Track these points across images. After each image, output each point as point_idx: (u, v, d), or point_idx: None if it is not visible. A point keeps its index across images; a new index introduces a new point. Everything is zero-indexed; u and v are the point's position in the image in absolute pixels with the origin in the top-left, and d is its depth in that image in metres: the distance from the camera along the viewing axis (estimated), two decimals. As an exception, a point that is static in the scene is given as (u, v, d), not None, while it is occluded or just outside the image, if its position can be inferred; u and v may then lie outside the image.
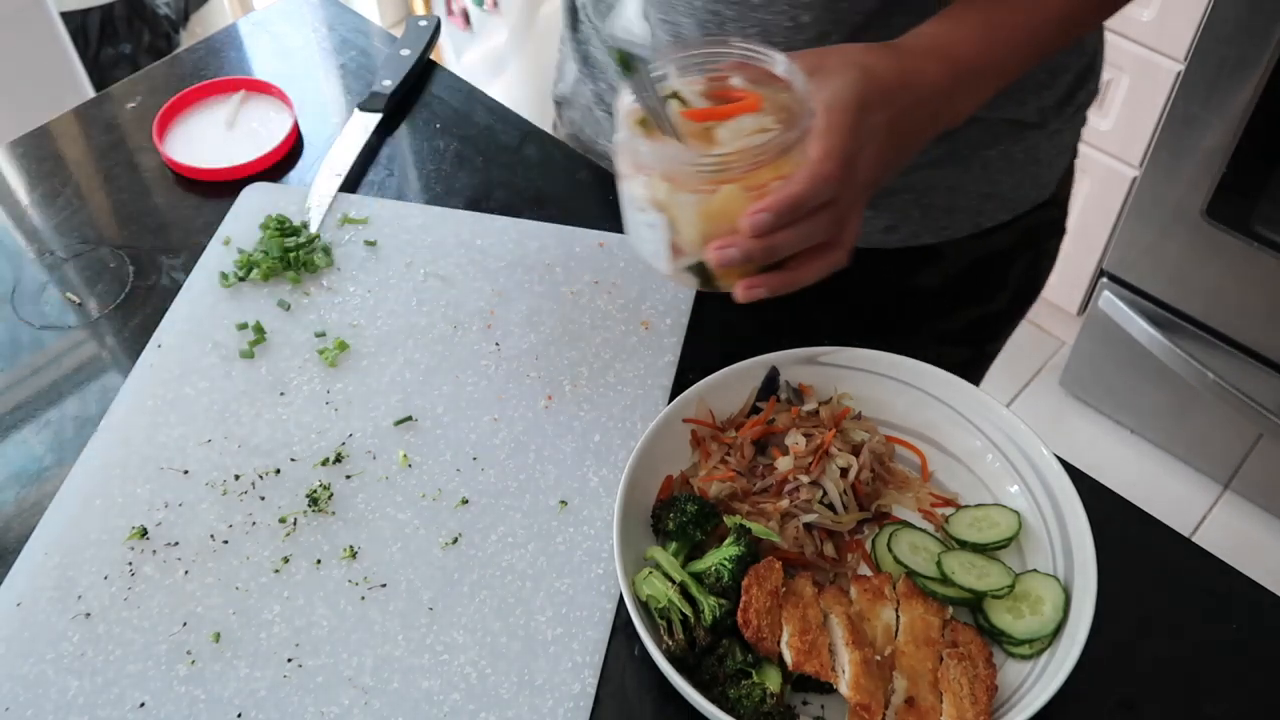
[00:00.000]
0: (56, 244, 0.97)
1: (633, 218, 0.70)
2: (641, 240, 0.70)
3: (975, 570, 0.74)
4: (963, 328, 1.09)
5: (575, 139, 1.09)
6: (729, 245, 0.66)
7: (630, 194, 0.69)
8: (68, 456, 0.82)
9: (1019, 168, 0.95)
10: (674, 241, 0.68)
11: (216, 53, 1.15)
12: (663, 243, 0.68)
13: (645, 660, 0.70)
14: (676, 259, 0.69)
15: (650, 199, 0.67)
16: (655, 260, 0.70)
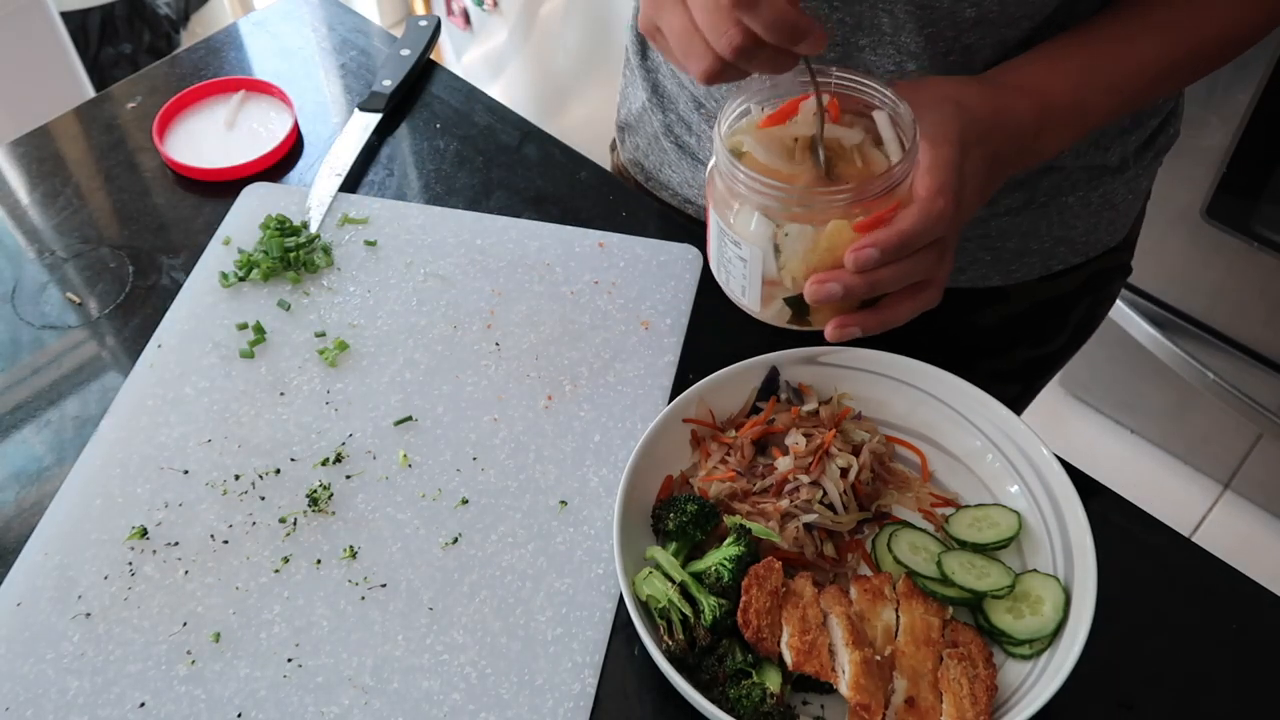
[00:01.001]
0: (57, 244, 0.97)
1: (723, 249, 0.67)
2: (729, 273, 0.67)
3: (975, 570, 0.74)
4: (1017, 367, 1.08)
5: (637, 165, 1.08)
6: (830, 280, 0.63)
7: (722, 224, 0.66)
8: (68, 456, 0.82)
9: (1094, 213, 0.94)
10: (767, 275, 0.65)
11: (216, 53, 1.15)
12: (755, 276, 0.65)
13: (645, 660, 0.70)
14: (768, 294, 0.66)
15: (746, 231, 0.64)
16: (743, 295, 0.67)
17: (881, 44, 0.78)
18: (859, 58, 0.80)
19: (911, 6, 0.75)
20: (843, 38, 0.79)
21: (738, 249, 0.64)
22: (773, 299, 0.66)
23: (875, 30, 0.78)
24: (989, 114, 0.69)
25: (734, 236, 0.64)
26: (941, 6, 0.75)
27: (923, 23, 0.76)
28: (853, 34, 0.78)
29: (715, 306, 0.92)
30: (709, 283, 0.93)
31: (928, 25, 0.76)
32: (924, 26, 0.77)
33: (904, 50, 0.78)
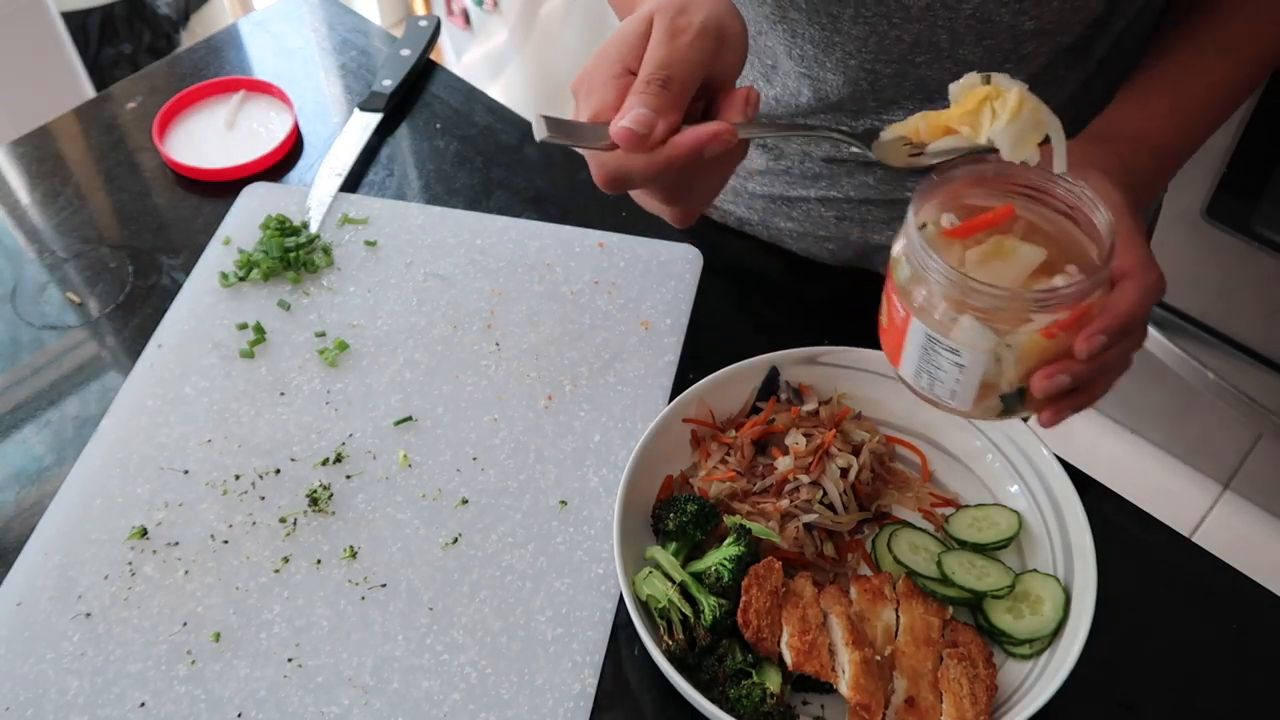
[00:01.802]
0: (57, 244, 0.97)
1: (930, 357, 0.63)
2: (936, 378, 0.64)
3: (975, 570, 0.74)
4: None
5: None
6: (1059, 372, 0.61)
7: (933, 333, 0.62)
8: (68, 456, 0.82)
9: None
10: (986, 378, 0.63)
11: (217, 53, 1.15)
12: (973, 380, 0.63)
13: (645, 660, 0.70)
14: (982, 394, 0.64)
15: (968, 339, 0.61)
16: (951, 398, 0.64)
17: (939, 59, 0.79)
18: (914, 73, 0.81)
19: (972, 21, 0.76)
20: (899, 55, 0.79)
21: (955, 356, 0.62)
22: (986, 397, 0.64)
23: (933, 47, 0.78)
24: (1125, 173, 0.70)
25: (950, 344, 0.62)
26: (1001, 20, 0.75)
27: (981, 35, 0.77)
28: (909, 51, 0.79)
29: (715, 306, 0.92)
30: (709, 283, 0.93)
31: (986, 38, 0.77)
32: (982, 39, 0.77)
33: (960, 63, 0.79)
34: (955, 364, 0.62)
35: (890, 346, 0.67)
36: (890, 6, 0.76)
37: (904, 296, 0.64)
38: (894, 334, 0.66)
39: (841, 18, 0.79)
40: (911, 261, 0.62)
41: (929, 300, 0.62)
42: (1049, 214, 0.65)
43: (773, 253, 1.00)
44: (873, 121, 0.87)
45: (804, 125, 0.85)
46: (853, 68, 0.82)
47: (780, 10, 0.82)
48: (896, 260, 0.65)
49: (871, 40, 0.79)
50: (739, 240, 1.01)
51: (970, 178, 0.65)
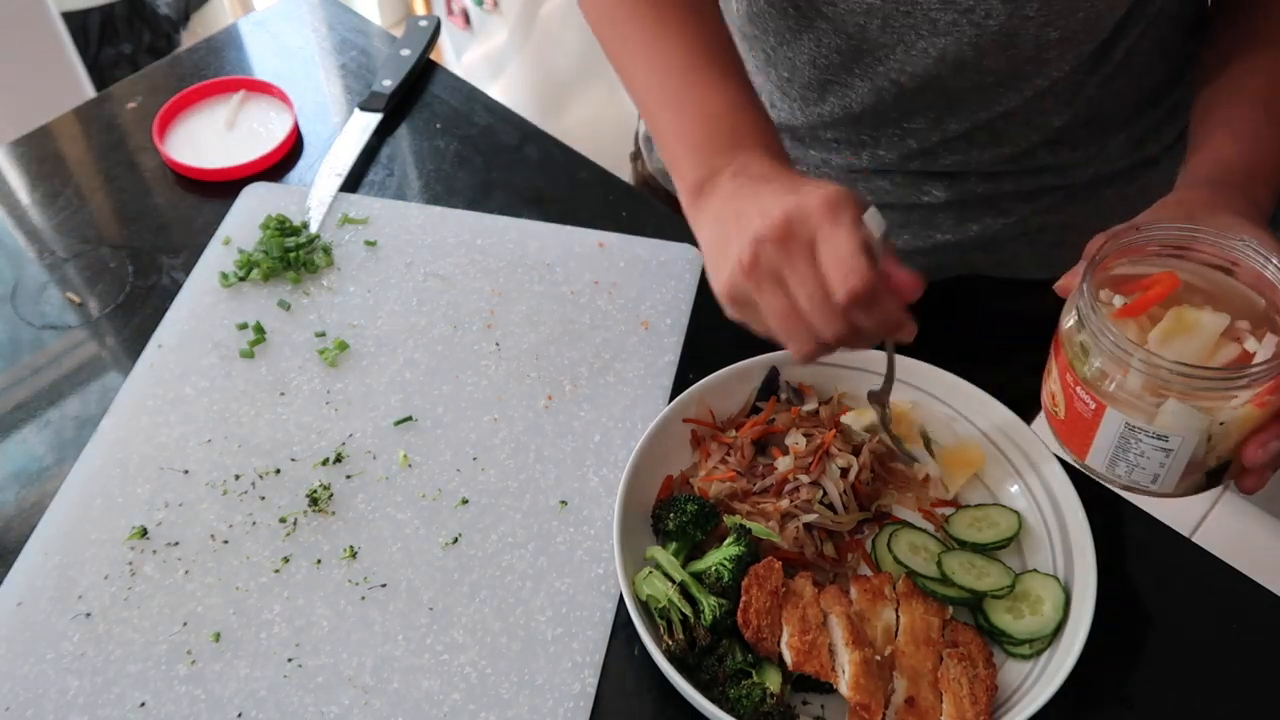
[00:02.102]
0: (57, 244, 0.97)
1: (1131, 446, 0.62)
2: (1138, 465, 0.62)
3: (975, 570, 0.74)
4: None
5: (665, 176, 1.07)
6: (1272, 439, 0.60)
7: (1134, 423, 0.61)
8: (68, 456, 0.82)
9: (1131, 204, 0.94)
10: (1194, 459, 0.61)
11: (217, 53, 1.15)
12: (1180, 463, 0.61)
13: (645, 660, 0.70)
14: (1186, 474, 0.62)
15: (1177, 424, 0.60)
16: (1154, 482, 0.63)
17: (964, 70, 0.80)
18: (938, 84, 0.81)
19: (999, 35, 0.76)
20: (924, 68, 0.80)
21: (1161, 443, 0.61)
22: (1191, 475, 0.63)
23: (959, 59, 0.79)
24: (1259, 212, 0.69)
25: (1156, 432, 0.60)
26: (1027, 32, 0.76)
27: (1006, 47, 0.77)
28: (936, 64, 0.80)
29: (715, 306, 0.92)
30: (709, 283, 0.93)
31: (1010, 49, 0.78)
32: (1007, 50, 0.78)
33: (985, 73, 0.80)
34: (1161, 449, 0.61)
35: (1074, 438, 0.65)
36: (918, 19, 0.76)
37: (1092, 386, 0.61)
38: (1079, 425, 0.64)
39: (869, 29, 0.79)
40: (1099, 351, 0.60)
41: (1126, 388, 0.60)
42: (1200, 269, 0.63)
43: None
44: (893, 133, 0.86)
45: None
46: (878, 80, 0.82)
47: (806, 20, 0.82)
48: (1073, 347, 0.62)
49: (899, 50, 0.79)
50: None
51: (1117, 251, 0.64)
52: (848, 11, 0.78)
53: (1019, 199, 0.90)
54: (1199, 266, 0.64)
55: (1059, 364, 0.64)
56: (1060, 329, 0.65)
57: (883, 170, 0.90)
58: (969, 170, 0.87)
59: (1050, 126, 0.85)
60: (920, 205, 0.91)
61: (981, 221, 0.91)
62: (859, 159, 0.90)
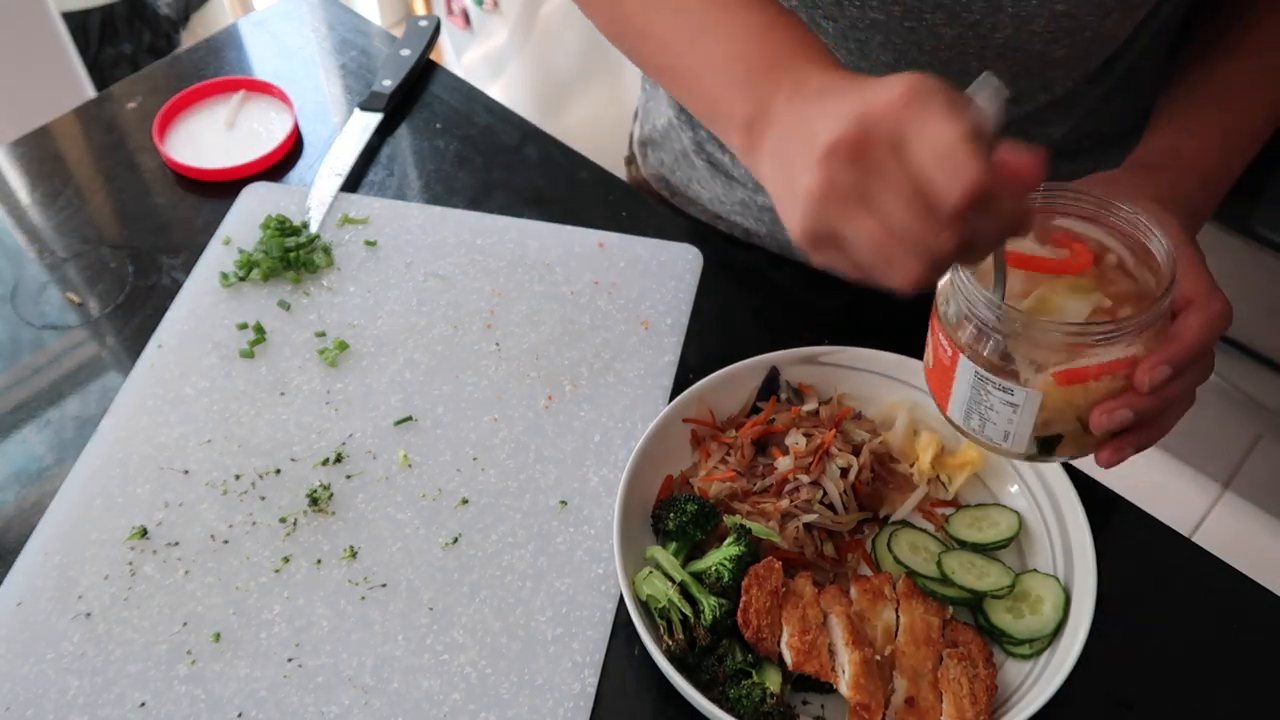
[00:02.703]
0: (57, 244, 0.97)
1: (982, 397, 0.61)
2: (989, 419, 0.61)
3: (975, 570, 0.74)
4: None
5: (662, 180, 1.07)
6: (1119, 407, 0.58)
7: (985, 372, 0.60)
8: (68, 456, 0.82)
9: None
10: (1040, 417, 0.60)
11: (217, 53, 1.15)
12: (1029, 419, 0.60)
13: (645, 660, 0.70)
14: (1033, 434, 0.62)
15: (1018, 374, 0.59)
16: (1006, 439, 0.62)
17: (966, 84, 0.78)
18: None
19: (1003, 50, 0.75)
20: None
21: (1008, 395, 0.59)
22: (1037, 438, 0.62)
23: (963, 74, 0.77)
24: (1179, 200, 0.69)
25: (1002, 384, 0.59)
26: (1033, 49, 0.75)
27: (1011, 63, 0.76)
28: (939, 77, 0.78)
29: (715, 306, 0.92)
30: (709, 283, 0.93)
31: (1016, 65, 0.76)
32: (1012, 66, 0.77)
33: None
34: (1008, 403, 0.60)
35: (937, 388, 0.64)
36: (921, 35, 0.75)
37: (951, 333, 0.61)
38: (941, 374, 0.63)
39: (870, 44, 0.78)
40: (958, 296, 0.60)
41: (979, 337, 0.59)
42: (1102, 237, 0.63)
43: (782, 263, 1.00)
44: None
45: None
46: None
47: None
48: (942, 295, 0.62)
49: (900, 66, 0.77)
50: (747, 250, 1.01)
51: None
52: (849, 26, 0.77)
53: None
54: (1112, 235, 0.63)
55: (932, 313, 0.64)
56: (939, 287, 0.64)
57: None
58: None
59: (1050, 138, 0.84)
60: None
61: None
62: None
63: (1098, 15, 0.73)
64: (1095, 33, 0.74)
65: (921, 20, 0.74)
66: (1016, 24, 0.73)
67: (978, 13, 0.73)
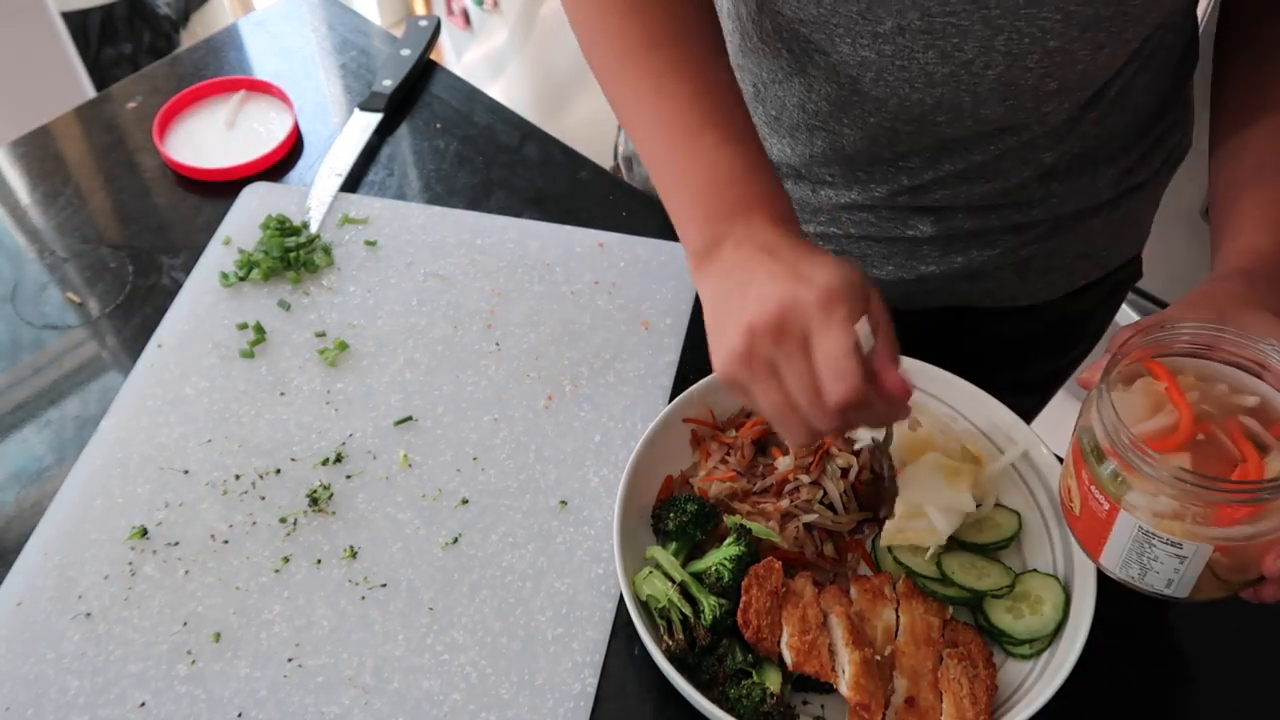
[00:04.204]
0: (57, 244, 0.97)
1: (1146, 551, 0.60)
2: (1150, 569, 0.61)
3: (975, 570, 0.74)
4: (1038, 378, 1.08)
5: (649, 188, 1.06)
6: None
7: (1149, 528, 0.59)
8: (68, 456, 0.82)
9: (1116, 229, 0.95)
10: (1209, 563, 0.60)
11: (217, 53, 1.15)
12: (1194, 569, 0.60)
13: (645, 660, 0.70)
14: (1204, 577, 0.61)
15: (1186, 531, 0.58)
16: (1168, 587, 0.61)
17: (960, 118, 0.78)
18: (934, 131, 0.80)
19: (996, 85, 0.75)
20: (920, 115, 0.78)
21: (1176, 549, 0.59)
22: (1207, 582, 0.62)
23: (956, 108, 0.77)
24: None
25: (1170, 539, 0.59)
26: (1025, 83, 0.75)
27: (1005, 97, 0.76)
28: (931, 112, 0.78)
29: (715, 306, 0.92)
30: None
31: (1009, 99, 0.76)
32: (1005, 99, 0.76)
33: (981, 121, 0.78)
34: (1176, 556, 0.59)
35: (1088, 536, 0.64)
36: (913, 72, 0.75)
37: (1104, 486, 0.60)
38: (1093, 524, 0.62)
39: (862, 80, 0.77)
40: (1121, 458, 0.59)
41: (1139, 493, 0.59)
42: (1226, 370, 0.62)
43: None
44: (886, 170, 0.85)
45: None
46: (871, 125, 0.81)
47: (799, 64, 0.81)
48: (1088, 448, 0.61)
49: (892, 102, 0.77)
50: None
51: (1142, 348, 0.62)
52: (841, 63, 0.77)
53: (1006, 231, 0.89)
54: (1229, 368, 0.62)
55: (1074, 458, 0.63)
56: (1078, 424, 0.63)
57: (869, 205, 0.88)
58: (958, 205, 0.86)
59: (1042, 163, 0.83)
60: (904, 239, 0.90)
61: (967, 254, 0.90)
62: (850, 193, 0.88)
63: (1090, 49, 0.72)
64: (1088, 66, 0.74)
65: (913, 59, 0.74)
66: (1009, 61, 0.73)
67: (970, 52, 0.72)
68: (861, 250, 0.92)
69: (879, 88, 0.77)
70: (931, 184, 0.85)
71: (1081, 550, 0.65)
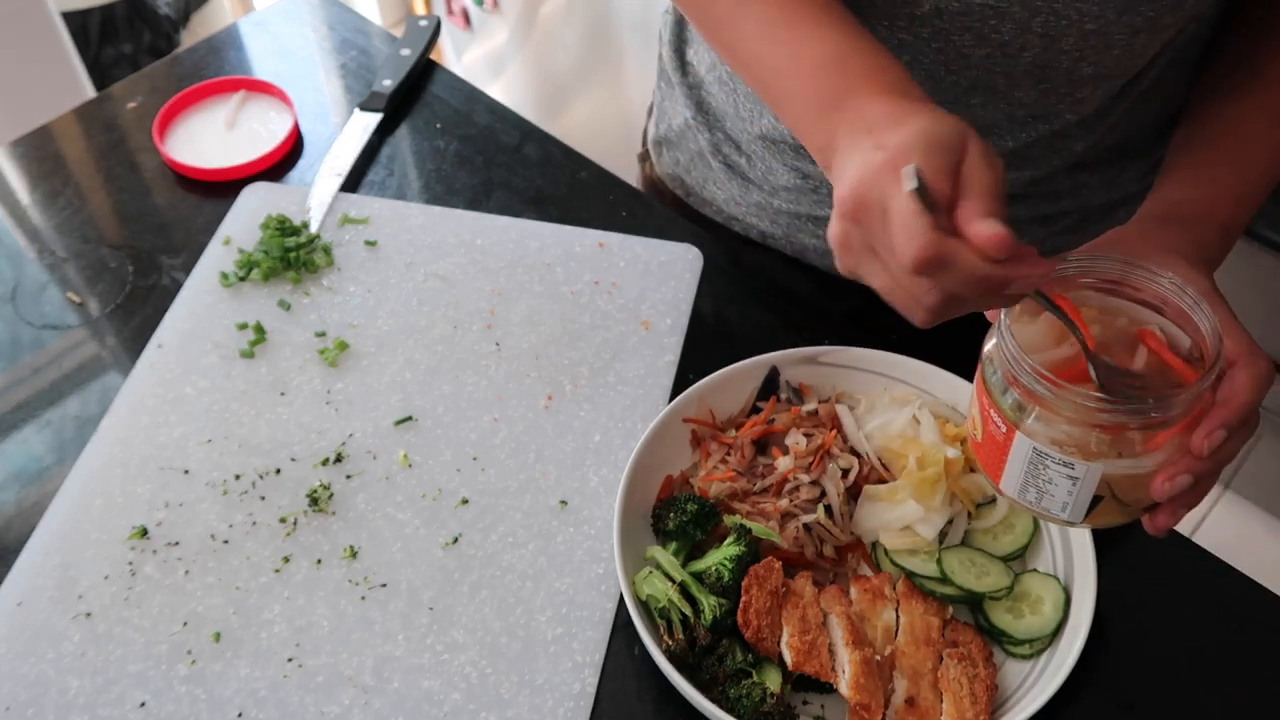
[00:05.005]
0: (57, 244, 0.97)
1: (1040, 471, 0.61)
2: (1046, 492, 0.62)
3: (975, 570, 0.74)
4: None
5: (677, 180, 1.07)
6: (1179, 472, 0.59)
7: (1042, 448, 0.60)
8: (68, 456, 0.82)
9: None
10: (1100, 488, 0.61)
11: (217, 53, 1.15)
12: (1086, 491, 0.61)
13: (645, 660, 0.70)
14: (1097, 502, 0.62)
15: (1076, 447, 0.59)
16: (1064, 510, 0.62)
17: (993, 101, 0.79)
18: (968, 114, 0.79)
19: (1031, 68, 0.75)
20: (955, 96, 0.79)
21: (1069, 470, 0.60)
22: (1099, 506, 0.63)
23: (989, 90, 0.78)
24: (1202, 256, 0.68)
25: (1063, 459, 0.60)
26: (1060, 67, 0.75)
27: (1039, 80, 0.76)
28: (966, 94, 0.79)
29: (715, 307, 0.92)
30: (709, 283, 0.93)
31: (1043, 82, 0.77)
32: (1039, 83, 0.77)
33: (1015, 104, 0.79)
34: (1069, 477, 0.60)
35: (988, 462, 0.64)
36: (949, 55, 0.75)
37: (1003, 411, 0.61)
38: (992, 449, 0.63)
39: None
40: (1014, 377, 0.60)
41: (1036, 415, 0.60)
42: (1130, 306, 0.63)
43: (793, 265, 1.00)
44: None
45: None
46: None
47: None
48: (989, 371, 0.62)
49: (927, 85, 0.77)
50: (759, 252, 1.01)
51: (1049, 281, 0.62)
52: None
53: (1034, 222, 0.90)
54: (1130, 304, 0.63)
55: (978, 388, 0.64)
56: (982, 352, 0.64)
57: None
58: None
59: (1072, 153, 0.84)
60: None
61: None
62: None
63: (1126, 34, 0.73)
64: (1123, 50, 0.74)
65: (950, 42, 0.75)
66: (1045, 43, 0.73)
67: (1006, 34, 0.73)
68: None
69: (914, 70, 0.77)
70: None
71: (983, 477, 0.66)
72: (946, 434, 0.79)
